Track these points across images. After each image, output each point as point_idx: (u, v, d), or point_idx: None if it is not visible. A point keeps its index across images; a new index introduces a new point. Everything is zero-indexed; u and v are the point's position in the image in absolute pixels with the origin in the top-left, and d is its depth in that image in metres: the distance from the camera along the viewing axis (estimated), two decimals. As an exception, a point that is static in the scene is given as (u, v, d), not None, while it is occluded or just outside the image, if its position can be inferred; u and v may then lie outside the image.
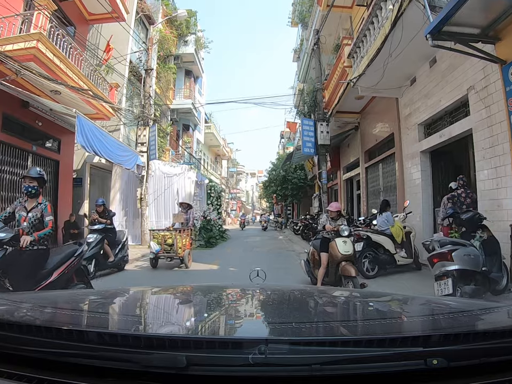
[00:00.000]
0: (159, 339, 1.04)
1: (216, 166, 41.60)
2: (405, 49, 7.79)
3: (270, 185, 30.28)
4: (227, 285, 3.15)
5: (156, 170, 14.34)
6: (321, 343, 1.05)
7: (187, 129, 24.07)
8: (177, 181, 14.33)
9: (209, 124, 34.33)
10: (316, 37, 13.85)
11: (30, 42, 8.04)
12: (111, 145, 9.79)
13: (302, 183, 26.27)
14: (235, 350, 1.00)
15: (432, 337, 1.07)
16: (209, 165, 35.87)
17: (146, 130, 13.78)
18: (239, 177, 65.28)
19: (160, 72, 19.20)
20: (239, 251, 13.13)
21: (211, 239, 14.50)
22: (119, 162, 10.58)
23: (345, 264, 5.50)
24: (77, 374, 0.99)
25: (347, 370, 0.97)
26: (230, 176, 53.42)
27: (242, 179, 69.12)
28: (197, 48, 23.23)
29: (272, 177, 28.93)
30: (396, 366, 0.97)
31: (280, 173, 27.21)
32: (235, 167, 57.48)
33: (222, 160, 46.47)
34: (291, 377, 0.96)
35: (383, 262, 7.44)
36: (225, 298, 2.07)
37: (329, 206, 6.32)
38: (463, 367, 1.00)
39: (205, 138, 31.91)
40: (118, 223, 14.16)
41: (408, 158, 9.87)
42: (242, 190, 67.40)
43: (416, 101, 9.37)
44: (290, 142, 38.79)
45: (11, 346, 1.06)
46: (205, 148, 34.17)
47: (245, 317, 1.60)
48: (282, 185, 27.51)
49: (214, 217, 16.28)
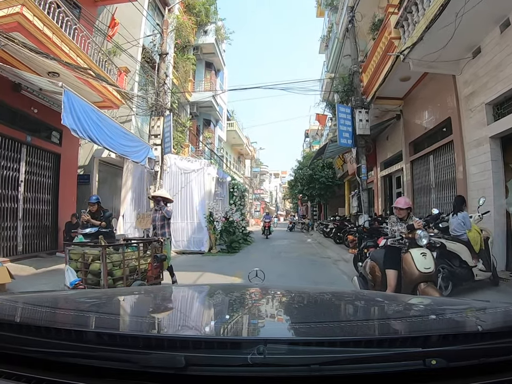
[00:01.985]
0: (157, 339, 1.05)
1: (239, 165, 40.26)
2: (472, 10, 6.16)
3: (296, 185, 28.54)
4: (226, 285, 3.20)
5: (171, 166, 12.85)
6: (320, 343, 1.04)
7: (208, 124, 22.58)
8: (195, 177, 12.77)
9: (232, 121, 33.01)
10: (350, 15, 12.17)
11: (14, 8, 6.69)
12: (113, 132, 8.29)
13: (330, 182, 24.68)
14: (234, 350, 1.00)
15: (431, 338, 1.07)
16: (232, 164, 34.48)
17: (161, 121, 12.32)
18: (263, 177, 63.76)
19: (178, 62, 17.83)
20: (265, 258, 11.34)
21: (233, 243, 12.91)
22: (124, 153, 9.06)
23: (426, 287, 3.81)
24: (75, 374, 0.99)
25: (346, 371, 0.97)
26: (254, 176, 52.05)
27: (265, 179, 67.63)
28: (218, 39, 21.76)
29: (298, 176, 27.15)
30: (395, 366, 0.97)
31: (307, 172, 25.52)
32: (258, 167, 55.83)
33: (245, 159, 45.20)
34: (290, 378, 0.96)
35: (459, 277, 5.64)
36: (224, 298, 2.04)
37: (396, 202, 4.58)
38: (462, 367, 1.00)
39: (227, 136, 30.48)
40: (130, 225, 12.85)
41: (471, 146, 8.05)
42: (266, 190, 65.76)
43: (482, 76, 7.58)
44: (316, 141, 37.32)
45: (10, 347, 1.06)
46: (227, 147, 32.85)
47: (244, 317, 1.58)
48: (309, 185, 25.81)
49: (237, 218, 14.67)
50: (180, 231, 12.64)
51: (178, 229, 12.59)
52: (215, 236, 12.27)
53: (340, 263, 10.09)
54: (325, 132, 23.71)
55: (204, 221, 12.35)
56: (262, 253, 12.81)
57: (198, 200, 12.63)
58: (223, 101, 26.87)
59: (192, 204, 12.69)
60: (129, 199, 13.08)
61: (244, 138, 37.80)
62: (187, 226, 12.67)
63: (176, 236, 12.60)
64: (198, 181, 12.70)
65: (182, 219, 12.74)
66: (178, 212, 12.67)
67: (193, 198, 12.71)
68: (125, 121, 13.03)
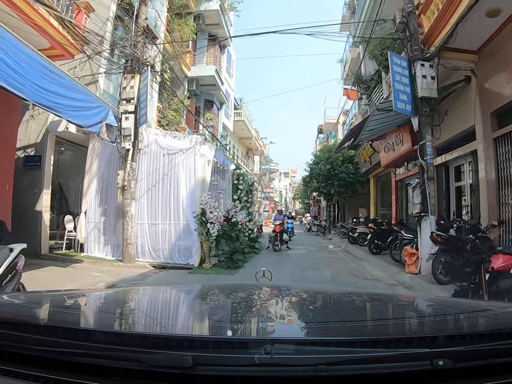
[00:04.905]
0: (165, 339, 1.06)
1: (247, 161, 36.87)
2: None
3: (311, 181, 24.98)
4: (233, 284, 3.30)
5: (150, 143, 9.30)
6: (327, 344, 1.04)
7: (211, 106, 18.92)
8: (183, 160, 9.17)
9: (240, 110, 29.57)
10: None
11: None
12: (38, 71, 4.88)
13: (351, 178, 21.33)
14: (241, 350, 1.00)
15: (438, 338, 1.06)
16: (240, 159, 31.04)
17: (135, 80, 8.85)
18: (272, 175, 60.30)
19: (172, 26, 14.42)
20: (284, 279, 7.13)
21: (236, 254, 9.17)
22: (55, 108, 5.52)
23: None
24: (83, 374, 0.99)
25: (352, 371, 0.96)
26: (263, 174, 48.74)
27: (275, 178, 64.15)
28: (222, 5, 18.30)
29: (314, 172, 23.61)
30: (402, 367, 0.96)
31: (324, 166, 22.07)
32: (268, 164, 52.42)
33: (254, 155, 42.19)
34: (296, 378, 0.96)
35: None
36: (231, 298, 2.02)
37: None
38: (469, 368, 0.99)
39: (234, 127, 27.02)
40: (94, 225, 9.46)
41: None
42: (275, 189, 62.24)
43: None
44: (332, 135, 34.17)
45: (18, 346, 1.06)
46: (234, 139, 29.52)
47: (251, 317, 1.59)
48: (326, 181, 22.38)
49: (243, 219, 11.02)
50: (161, 235, 9.15)
51: (158, 233, 9.13)
52: (209, 243, 8.66)
53: (399, 290, 6.47)
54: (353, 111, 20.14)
55: (193, 221, 8.86)
56: (277, 271, 8.47)
57: (186, 192, 9.09)
58: (230, 87, 23.58)
59: (177, 198, 9.17)
60: (94, 190, 9.72)
61: (253, 131, 34.42)
62: (170, 229, 9.16)
63: (155, 242, 9.14)
64: (186, 164, 9.08)
65: (163, 218, 9.22)
66: (159, 209, 9.17)
67: (180, 189, 9.16)
68: (89, 83, 9.62)
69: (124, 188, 8.72)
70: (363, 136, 10.64)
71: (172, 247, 9.07)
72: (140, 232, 9.14)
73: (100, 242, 9.71)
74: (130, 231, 8.75)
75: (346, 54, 20.61)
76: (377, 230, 11.52)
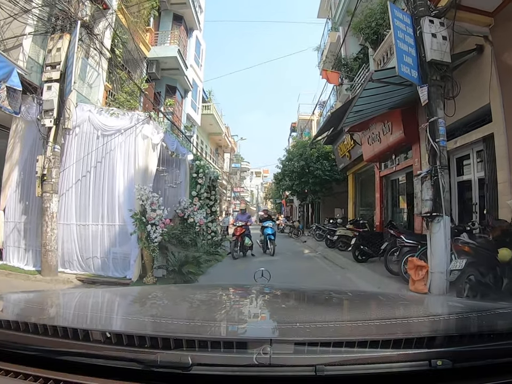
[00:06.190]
0: (164, 339, 1.01)
1: (217, 158, 34.86)
2: None
3: (283, 179, 23.31)
4: (232, 285, 3.11)
5: (83, 122, 7.20)
6: (325, 344, 1.02)
7: (173, 92, 16.68)
8: (122, 142, 7.10)
9: (209, 103, 27.49)
10: None
11: None
12: None
13: (327, 176, 20.18)
14: (240, 350, 0.99)
15: (436, 339, 1.05)
16: (209, 155, 29.03)
17: (64, 41, 6.78)
18: (244, 174, 58.37)
19: None
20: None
21: (186, 265, 7.00)
22: None
23: None
24: (82, 373, 0.98)
25: (351, 371, 0.96)
26: (234, 173, 46.80)
27: (246, 177, 62.23)
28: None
29: (287, 169, 21.97)
30: (400, 367, 0.96)
31: (298, 163, 20.60)
32: (239, 162, 50.43)
33: (224, 152, 40.17)
34: (295, 378, 0.96)
35: None
36: (230, 298, 2.05)
37: None
38: (467, 368, 0.99)
39: (203, 121, 24.88)
40: (14, 225, 7.40)
41: None
42: (246, 188, 60.28)
43: None
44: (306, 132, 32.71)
45: (17, 346, 1.05)
46: (203, 134, 27.51)
47: (250, 317, 1.59)
48: (300, 179, 20.92)
49: (202, 219, 9.05)
50: (92, 240, 7.07)
51: (88, 237, 7.06)
52: (149, 252, 6.57)
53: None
54: (332, 97, 18.40)
55: (131, 222, 6.85)
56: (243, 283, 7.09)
57: (124, 185, 7.05)
58: (198, 77, 21.55)
59: (112, 191, 7.09)
60: (14, 182, 7.57)
61: (222, 126, 32.39)
62: (103, 231, 7.09)
63: (85, 249, 7.07)
64: (125, 149, 6.98)
65: (95, 218, 7.11)
66: (89, 205, 7.08)
67: (116, 180, 7.10)
68: (12, 48, 7.48)
69: (42, 177, 6.63)
70: (348, 119, 8.79)
71: (106, 255, 6.98)
72: (65, 235, 7.04)
73: (20, 248, 7.55)
74: (51, 234, 6.64)
75: (324, 40, 18.97)
76: (364, 233, 9.75)
